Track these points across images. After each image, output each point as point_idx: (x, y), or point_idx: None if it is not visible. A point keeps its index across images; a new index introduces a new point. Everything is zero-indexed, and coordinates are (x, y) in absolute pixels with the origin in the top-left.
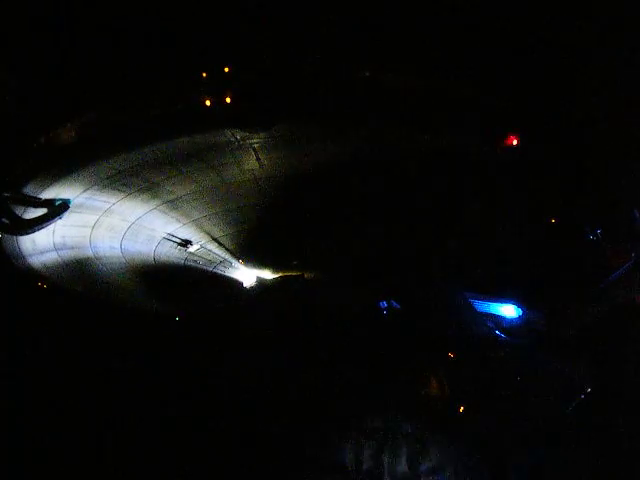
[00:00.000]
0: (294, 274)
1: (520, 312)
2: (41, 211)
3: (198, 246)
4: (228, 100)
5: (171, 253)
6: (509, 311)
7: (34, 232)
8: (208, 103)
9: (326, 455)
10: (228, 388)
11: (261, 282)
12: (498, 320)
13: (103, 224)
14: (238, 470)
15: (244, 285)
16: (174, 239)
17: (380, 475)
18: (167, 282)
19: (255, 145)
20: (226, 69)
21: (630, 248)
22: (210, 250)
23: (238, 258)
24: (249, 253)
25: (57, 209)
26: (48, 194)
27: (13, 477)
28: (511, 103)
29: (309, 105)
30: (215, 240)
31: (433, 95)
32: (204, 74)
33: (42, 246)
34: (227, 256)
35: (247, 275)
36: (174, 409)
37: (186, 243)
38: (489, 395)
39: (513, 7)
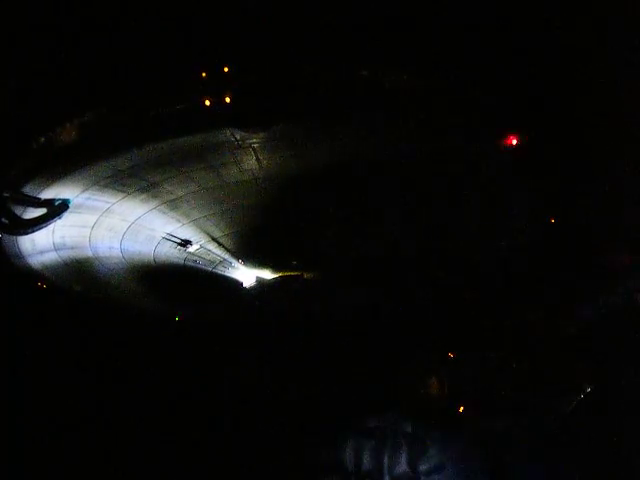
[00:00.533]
0: (293, 274)
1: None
2: (41, 211)
3: (198, 246)
4: (228, 100)
5: (171, 253)
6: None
7: (33, 232)
8: (208, 103)
9: (325, 455)
10: (228, 387)
11: (261, 282)
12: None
13: (103, 224)
14: (238, 470)
15: (244, 285)
16: (174, 239)
17: (380, 475)
18: (167, 282)
19: (255, 145)
20: (226, 69)
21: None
22: (210, 250)
23: (238, 258)
24: (249, 253)
25: (57, 209)
26: (48, 194)
27: (13, 477)
28: (511, 103)
29: (309, 105)
30: (215, 240)
31: (433, 95)
32: (204, 74)
33: (41, 246)
34: (227, 256)
35: (247, 275)
36: (174, 409)
37: (186, 243)
38: (489, 395)
39: (513, 7)
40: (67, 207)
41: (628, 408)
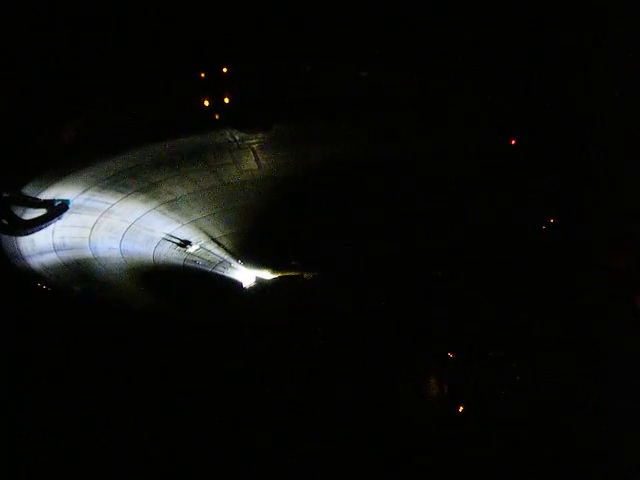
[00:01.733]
0: (293, 274)
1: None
2: (40, 211)
3: (197, 246)
4: (227, 100)
5: (170, 253)
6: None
7: (33, 232)
8: (207, 103)
9: (325, 455)
10: (227, 388)
11: (260, 282)
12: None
13: (102, 225)
14: (238, 470)
15: (243, 285)
16: (173, 239)
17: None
18: (166, 282)
19: (254, 145)
20: (225, 69)
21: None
22: (209, 250)
23: (237, 258)
24: (248, 253)
25: (56, 209)
26: (48, 194)
27: (13, 477)
28: (511, 103)
29: (308, 105)
30: (214, 240)
31: (433, 95)
32: (203, 74)
33: (41, 247)
34: (226, 256)
35: (246, 275)
36: (174, 409)
37: (185, 243)
38: (489, 395)
39: (514, 7)
40: (67, 207)
41: (627, 408)
